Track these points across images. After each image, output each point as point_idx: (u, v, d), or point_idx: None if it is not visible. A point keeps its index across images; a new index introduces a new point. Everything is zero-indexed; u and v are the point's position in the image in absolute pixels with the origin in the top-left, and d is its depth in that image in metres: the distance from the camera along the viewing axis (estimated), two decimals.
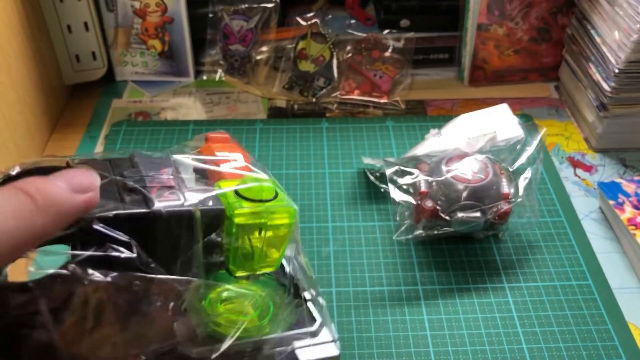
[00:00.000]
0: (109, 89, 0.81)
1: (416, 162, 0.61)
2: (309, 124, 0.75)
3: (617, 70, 0.66)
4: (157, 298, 0.30)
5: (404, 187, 0.60)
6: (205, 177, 0.35)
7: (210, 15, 0.80)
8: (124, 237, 0.29)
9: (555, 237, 0.61)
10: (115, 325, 0.29)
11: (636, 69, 0.65)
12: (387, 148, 0.71)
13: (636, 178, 0.64)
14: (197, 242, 0.31)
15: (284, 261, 0.36)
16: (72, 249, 0.29)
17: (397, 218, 0.60)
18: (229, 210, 0.32)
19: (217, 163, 0.35)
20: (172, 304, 0.30)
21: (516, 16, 0.77)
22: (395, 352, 0.51)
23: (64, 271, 0.28)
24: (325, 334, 0.35)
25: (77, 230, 0.28)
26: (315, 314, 0.36)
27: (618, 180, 0.64)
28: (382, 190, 0.64)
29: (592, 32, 0.71)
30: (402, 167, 0.60)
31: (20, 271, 0.28)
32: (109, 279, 0.28)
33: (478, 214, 0.56)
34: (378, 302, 0.55)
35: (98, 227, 0.29)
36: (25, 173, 0.31)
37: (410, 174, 0.59)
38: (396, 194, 0.59)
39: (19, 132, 0.66)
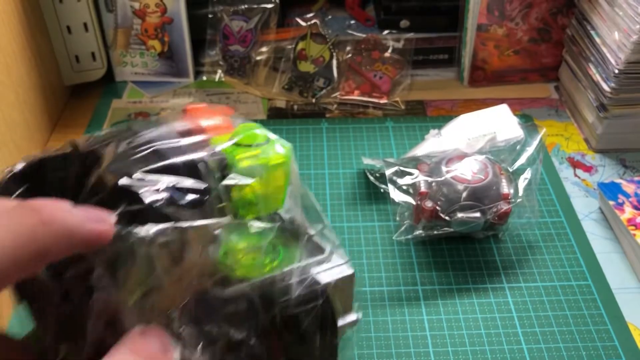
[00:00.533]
0: (109, 89, 0.81)
1: (416, 162, 0.61)
2: (308, 124, 0.75)
3: (616, 71, 0.66)
4: (194, 245, 0.30)
5: (404, 187, 0.60)
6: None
7: (210, 15, 0.80)
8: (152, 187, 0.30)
9: (555, 237, 0.61)
10: (163, 278, 0.30)
11: (636, 70, 0.65)
12: (387, 148, 0.71)
13: (636, 178, 0.64)
14: (213, 190, 0.32)
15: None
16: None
17: (397, 218, 0.60)
18: (230, 158, 0.33)
19: (202, 129, 0.36)
20: (211, 248, 0.31)
21: (516, 16, 0.77)
22: (395, 353, 0.51)
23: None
24: (336, 259, 0.37)
25: (106, 193, 0.29)
26: (323, 244, 0.37)
27: (618, 180, 0.64)
28: (382, 190, 0.64)
29: (592, 32, 0.71)
30: (402, 168, 0.60)
31: None
32: (151, 233, 0.28)
33: (478, 215, 0.56)
34: (378, 302, 0.55)
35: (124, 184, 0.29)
36: (30, 167, 0.31)
37: (410, 174, 0.59)
38: (396, 195, 0.59)
39: (19, 132, 0.66)
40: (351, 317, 0.37)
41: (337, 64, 0.79)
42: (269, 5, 0.79)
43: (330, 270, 0.36)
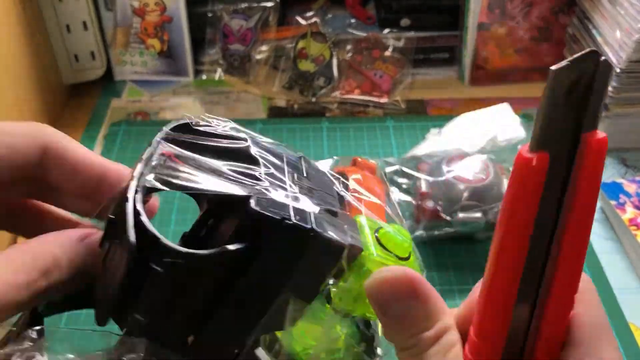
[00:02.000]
0: (108, 88, 0.81)
1: (417, 162, 0.61)
2: (309, 123, 0.75)
3: (618, 70, 0.65)
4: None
5: (405, 187, 0.59)
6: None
7: (210, 14, 0.80)
8: None
9: None
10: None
11: (637, 69, 0.65)
12: (388, 148, 0.71)
13: (637, 178, 0.64)
14: (329, 272, 0.29)
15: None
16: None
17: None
18: (366, 251, 0.30)
19: (358, 198, 0.33)
20: None
21: (517, 15, 0.77)
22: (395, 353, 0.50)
23: None
24: None
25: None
26: None
27: (619, 180, 0.64)
28: None
29: (594, 31, 0.71)
30: (402, 167, 0.60)
31: None
32: None
33: (479, 215, 0.56)
34: None
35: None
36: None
37: (411, 174, 0.59)
38: (396, 194, 0.59)
39: None
40: None
41: (337, 62, 0.79)
42: (269, 4, 0.79)
43: None
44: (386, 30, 0.81)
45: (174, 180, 0.29)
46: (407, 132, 0.73)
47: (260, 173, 0.30)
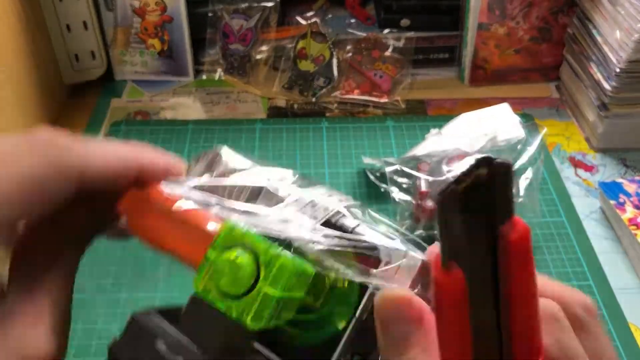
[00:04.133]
0: (108, 88, 0.81)
1: (416, 162, 0.61)
2: (308, 123, 0.75)
3: (618, 70, 0.65)
4: None
5: (405, 186, 0.59)
6: None
7: (210, 14, 0.80)
8: None
9: (556, 237, 0.61)
10: None
11: (637, 69, 0.65)
12: (387, 148, 0.71)
13: (637, 178, 0.64)
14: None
15: None
16: None
17: (398, 218, 0.60)
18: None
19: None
20: None
21: (517, 16, 0.77)
22: None
23: None
24: None
25: None
26: None
27: (619, 180, 0.64)
28: (382, 190, 0.64)
29: (594, 31, 0.71)
30: (402, 167, 0.60)
31: None
32: None
33: None
34: None
35: None
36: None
37: (411, 173, 0.59)
38: (396, 194, 0.59)
39: (18, 131, 0.66)
40: None
41: (337, 62, 0.79)
42: (269, 4, 0.79)
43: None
44: (386, 31, 0.81)
45: None
46: (407, 132, 0.73)
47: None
